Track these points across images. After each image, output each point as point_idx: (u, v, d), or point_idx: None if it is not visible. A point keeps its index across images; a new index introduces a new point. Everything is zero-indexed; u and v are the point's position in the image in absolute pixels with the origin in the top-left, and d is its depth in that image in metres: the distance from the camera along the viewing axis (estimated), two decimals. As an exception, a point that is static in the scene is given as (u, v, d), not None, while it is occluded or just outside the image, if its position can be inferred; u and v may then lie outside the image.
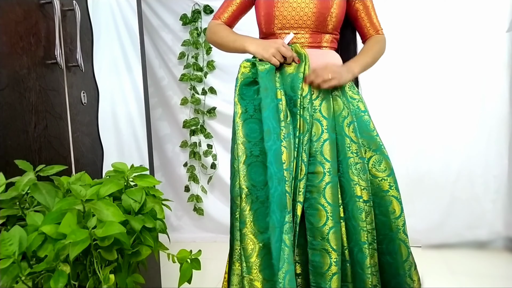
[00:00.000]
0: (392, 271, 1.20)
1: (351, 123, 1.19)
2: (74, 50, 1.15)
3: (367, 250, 1.14)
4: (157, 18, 2.46)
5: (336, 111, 1.21)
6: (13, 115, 0.89)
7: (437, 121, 2.24)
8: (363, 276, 1.14)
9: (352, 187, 1.16)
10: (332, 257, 1.11)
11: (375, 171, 1.20)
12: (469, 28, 2.15)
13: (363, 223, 1.14)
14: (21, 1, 0.94)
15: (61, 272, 0.69)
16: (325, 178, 1.14)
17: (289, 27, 1.23)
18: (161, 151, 2.59)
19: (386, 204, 1.18)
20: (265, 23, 1.26)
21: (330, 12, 1.21)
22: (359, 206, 1.15)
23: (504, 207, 2.22)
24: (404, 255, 1.18)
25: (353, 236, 1.15)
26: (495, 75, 2.16)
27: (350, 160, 1.17)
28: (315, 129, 1.17)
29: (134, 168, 0.94)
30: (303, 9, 1.21)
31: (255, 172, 1.13)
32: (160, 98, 2.55)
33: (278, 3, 1.22)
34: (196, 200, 2.55)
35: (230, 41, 1.27)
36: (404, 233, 1.18)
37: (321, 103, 1.19)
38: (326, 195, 1.14)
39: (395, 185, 1.19)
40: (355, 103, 1.24)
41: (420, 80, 2.23)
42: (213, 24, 1.35)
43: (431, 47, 2.20)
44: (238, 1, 1.32)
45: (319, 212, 1.13)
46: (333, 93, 1.22)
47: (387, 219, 1.18)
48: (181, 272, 0.89)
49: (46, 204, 0.75)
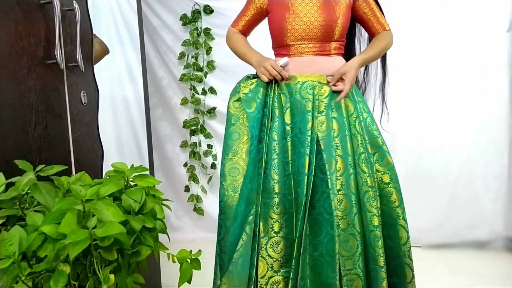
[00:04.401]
0: (392, 254, 1.34)
1: (360, 122, 1.35)
2: (74, 50, 1.15)
3: (379, 233, 1.28)
4: (157, 18, 2.45)
5: (349, 112, 1.37)
6: (13, 115, 0.89)
7: (437, 121, 2.24)
8: (375, 256, 1.28)
9: (365, 179, 1.30)
10: (358, 239, 1.27)
11: (378, 166, 1.35)
12: (469, 28, 2.15)
13: (375, 209, 1.29)
14: (21, 1, 0.94)
15: (61, 272, 0.69)
16: (347, 171, 1.29)
17: (300, 39, 1.37)
18: (161, 151, 2.59)
19: (388, 195, 1.34)
20: (278, 36, 1.41)
21: (336, 23, 1.35)
22: (371, 195, 1.30)
23: (504, 207, 2.22)
24: (404, 238, 1.33)
25: (365, 221, 1.29)
26: (495, 75, 2.16)
27: (363, 156, 1.32)
28: (334, 127, 1.33)
29: (134, 168, 0.94)
30: (312, 23, 1.35)
31: (233, 171, 1.32)
32: (160, 98, 2.55)
33: (290, 17, 1.36)
34: (196, 200, 2.55)
35: (241, 53, 1.48)
36: (403, 219, 1.33)
37: (337, 104, 1.35)
38: (351, 187, 1.28)
39: (395, 178, 1.35)
40: (360, 105, 1.38)
41: (420, 80, 2.23)
42: (231, 32, 1.53)
43: (431, 47, 2.20)
44: (251, 12, 1.47)
45: (343, 202, 1.27)
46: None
47: (387, 208, 1.34)
48: (181, 272, 0.89)
49: (46, 204, 0.76)
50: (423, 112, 2.25)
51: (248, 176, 1.29)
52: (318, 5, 1.35)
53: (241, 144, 1.32)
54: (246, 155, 1.31)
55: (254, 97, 1.35)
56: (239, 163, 1.31)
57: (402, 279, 1.35)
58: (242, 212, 1.28)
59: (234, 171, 1.30)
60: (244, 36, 1.53)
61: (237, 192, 1.28)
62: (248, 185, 1.29)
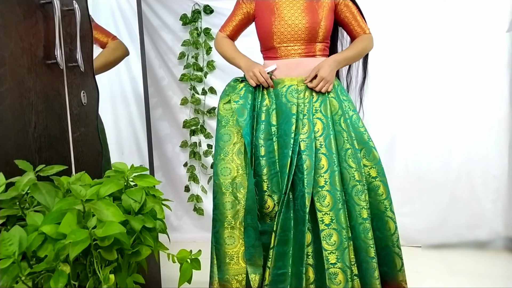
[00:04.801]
0: (381, 244, 1.41)
1: (345, 119, 1.41)
2: (74, 50, 1.15)
3: (368, 225, 1.34)
4: (157, 18, 2.45)
5: (333, 111, 1.43)
6: (13, 115, 0.89)
7: (437, 121, 2.24)
8: (366, 247, 1.34)
9: (352, 174, 1.36)
10: (342, 234, 1.32)
11: (365, 161, 1.41)
12: (469, 28, 2.14)
13: (363, 202, 1.35)
14: (21, 1, 0.94)
15: (61, 272, 0.69)
16: (331, 168, 1.35)
17: (286, 41, 1.45)
18: (161, 151, 2.59)
19: (375, 188, 1.41)
20: (266, 39, 1.48)
21: (320, 25, 1.43)
22: (359, 189, 1.35)
23: (504, 207, 2.21)
24: (392, 229, 1.40)
25: (354, 214, 1.36)
26: (495, 75, 2.16)
27: (349, 151, 1.38)
28: (318, 126, 1.39)
29: (134, 168, 0.93)
30: (297, 25, 1.43)
31: (224, 170, 1.41)
32: (160, 98, 2.55)
33: (276, 21, 1.44)
34: (196, 200, 2.55)
35: (230, 57, 1.57)
36: (391, 211, 1.40)
37: (321, 104, 1.43)
38: (335, 183, 1.34)
39: (382, 171, 1.41)
40: (345, 104, 1.45)
41: (420, 80, 2.23)
42: (219, 36, 1.61)
43: (431, 47, 2.20)
44: (238, 17, 1.55)
45: (327, 198, 1.33)
46: (329, 95, 1.44)
47: (375, 201, 1.41)
48: (181, 272, 0.89)
49: (46, 204, 0.75)
50: (423, 112, 2.25)
51: (238, 175, 1.40)
52: (302, 8, 1.43)
53: (231, 145, 1.41)
54: (237, 156, 1.41)
55: (245, 104, 1.43)
56: (230, 163, 1.41)
57: (392, 268, 1.42)
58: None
59: (226, 171, 1.40)
60: (232, 40, 1.61)
61: (228, 189, 1.39)
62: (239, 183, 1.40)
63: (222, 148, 1.41)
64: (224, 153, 1.41)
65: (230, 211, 1.39)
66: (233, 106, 1.43)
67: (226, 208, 1.39)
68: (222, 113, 1.45)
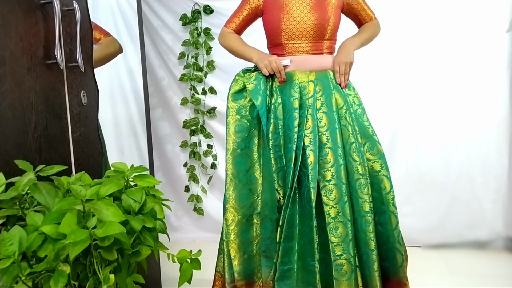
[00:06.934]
0: (383, 239, 1.42)
1: (350, 113, 1.42)
2: (74, 50, 1.15)
3: (370, 218, 1.36)
4: (157, 18, 2.45)
5: (338, 105, 1.44)
6: (13, 115, 0.89)
7: (437, 120, 2.24)
8: (367, 240, 1.35)
9: (356, 167, 1.38)
10: (348, 226, 1.33)
11: (369, 155, 1.42)
12: (469, 28, 2.14)
13: (366, 196, 1.36)
14: (21, 1, 0.94)
15: (61, 272, 0.69)
16: (337, 162, 1.36)
17: (294, 38, 1.45)
18: (161, 151, 2.59)
19: (378, 182, 1.41)
20: (273, 35, 1.48)
21: (328, 22, 1.44)
22: (362, 182, 1.37)
23: (504, 207, 2.21)
24: (394, 224, 1.40)
25: (356, 207, 1.37)
26: (495, 75, 2.16)
27: (353, 145, 1.39)
28: (324, 121, 1.40)
29: (134, 168, 0.93)
30: (306, 22, 1.43)
31: (238, 162, 1.43)
32: (160, 98, 2.55)
33: (284, 18, 1.44)
34: (196, 200, 2.55)
35: (239, 50, 1.54)
36: (393, 205, 1.40)
37: (326, 99, 1.43)
38: (341, 177, 1.35)
39: (385, 166, 1.42)
40: (350, 98, 1.46)
41: (420, 80, 2.23)
42: (224, 31, 1.60)
43: (431, 47, 2.20)
44: (245, 13, 1.54)
45: (334, 191, 1.35)
46: (333, 90, 1.44)
47: (379, 195, 1.41)
48: (181, 272, 0.89)
49: (46, 204, 0.75)
50: (423, 112, 2.25)
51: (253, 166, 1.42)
52: (311, 5, 1.44)
53: (244, 136, 1.43)
54: (249, 148, 1.43)
55: (258, 85, 1.44)
56: (244, 156, 1.43)
57: (393, 263, 1.42)
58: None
59: (240, 163, 1.43)
60: (238, 35, 1.60)
61: (242, 181, 1.42)
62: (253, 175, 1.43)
63: (235, 139, 1.42)
64: (236, 144, 1.42)
65: (246, 203, 1.41)
66: (248, 87, 1.43)
67: (241, 200, 1.40)
68: (231, 104, 1.45)
